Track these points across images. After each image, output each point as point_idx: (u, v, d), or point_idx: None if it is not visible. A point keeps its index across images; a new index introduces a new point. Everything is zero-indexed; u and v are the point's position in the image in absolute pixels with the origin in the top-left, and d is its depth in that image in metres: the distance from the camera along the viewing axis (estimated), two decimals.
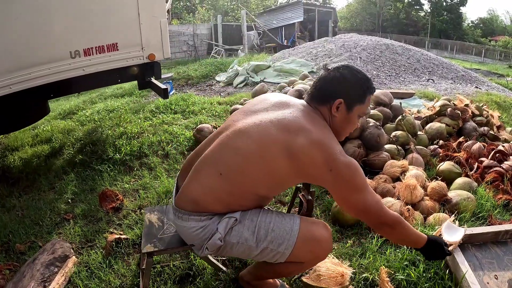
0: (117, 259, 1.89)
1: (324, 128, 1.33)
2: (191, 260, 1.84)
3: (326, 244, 1.39)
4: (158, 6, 3.30)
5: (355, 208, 1.34)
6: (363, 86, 1.37)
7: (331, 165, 1.25)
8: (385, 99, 3.44)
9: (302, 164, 1.27)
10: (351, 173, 1.27)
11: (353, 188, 1.29)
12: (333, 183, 1.29)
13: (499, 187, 2.57)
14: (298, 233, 1.34)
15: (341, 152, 1.29)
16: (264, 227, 1.35)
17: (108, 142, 3.53)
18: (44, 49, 2.84)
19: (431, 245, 1.45)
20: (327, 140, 1.28)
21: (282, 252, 1.34)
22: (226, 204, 1.35)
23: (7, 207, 2.68)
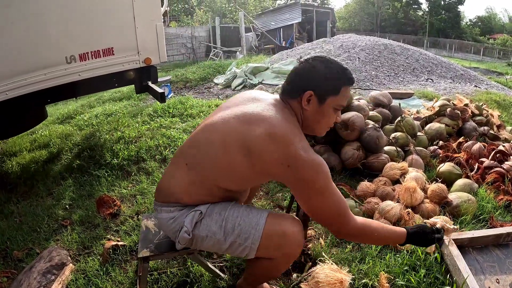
0: (114, 266, 1.87)
1: (288, 122, 1.25)
2: (189, 267, 1.82)
3: (293, 239, 1.30)
4: (153, 10, 3.28)
5: (314, 213, 1.29)
6: (336, 76, 1.29)
7: (289, 161, 1.18)
8: (384, 100, 3.43)
9: (259, 157, 1.21)
10: (313, 172, 1.19)
11: (314, 189, 1.21)
12: (293, 181, 1.22)
13: (500, 188, 2.55)
14: (264, 227, 1.29)
15: (304, 148, 1.20)
16: (231, 221, 1.31)
17: (105, 147, 3.51)
18: (39, 54, 2.83)
19: (414, 238, 1.40)
20: (287, 133, 1.21)
21: (249, 247, 1.30)
22: (193, 195, 1.34)
23: (5, 213, 2.66)
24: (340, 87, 1.29)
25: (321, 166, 1.21)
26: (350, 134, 2.74)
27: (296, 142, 1.20)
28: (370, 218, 2.15)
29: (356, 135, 2.76)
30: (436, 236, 1.43)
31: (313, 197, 1.23)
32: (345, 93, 1.32)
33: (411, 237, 1.39)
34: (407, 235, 1.38)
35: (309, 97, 1.29)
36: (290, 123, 1.25)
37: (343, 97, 1.32)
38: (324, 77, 1.28)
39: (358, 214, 2.08)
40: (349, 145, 2.77)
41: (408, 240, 1.39)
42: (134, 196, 2.67)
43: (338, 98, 1.30)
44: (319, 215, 1.29)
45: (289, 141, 1.19)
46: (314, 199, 1.24)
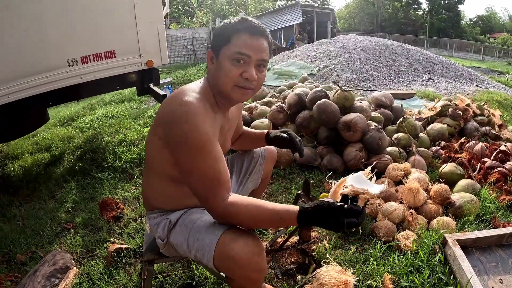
0: (118, 269, 1.87)
1: (185, 89, 1.22)
2: (193, 270, 1.82)
3: (244, 264, 1.12)
4: (155, 12, 3.30)
5: (185, 178, 1.18)
6: (228, 26, 1.21)
7: (166, 117, 1.16)
8: (385, 101, 3.43)
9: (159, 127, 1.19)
10: (182, 127, 1.10)
11: (184, 147, 1.11)
12: (169, 140, 1.16)
13: (502, 188, 2.55)
14: (215, 248, 1.13)
15: (182, 102, 1.13)
16: (193, 235, 1.22)
17: (108, 150, 3.52)
18: (41, 57, 2.84)
19: (311, 218, 1.07)
20: (176, 94, 1.19)
21: (208, 264, 1.18)
22: (161, 199, 1.35)
23: (7, 216, 2.66)
24: (230, 35, 1.19)
25: (198, 117, 1.11)
26: (352, 135, 2.74)
27: (180, 97, 1.15)
28: (374, 220, 2.16)
29: (358, 136, 2.76)
30: (348, 221, 1.04)
31: (185, 156, 1.13)
32: (239, 41, 1.18)
33: (306, 217, 1.08)
34: (299, 215, 1.08)
35: (211, 56, 1.25)
36: (188, 89, 1.21)
37: (237, 45, 1.17)
38: (218, 31, 1.24)
39: None
40: (351, 146, 2.77)
41: (303, 221, 1.09)
42: (137, 199, 2.67)
43: (231, 47, 1.18)
44: (187, 183, 1.18)
45: (173, 98, 1.17)
46: (183, 159, 1.14)
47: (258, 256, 1.14)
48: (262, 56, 1.21)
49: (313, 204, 1.08)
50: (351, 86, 5.98)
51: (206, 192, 1.13)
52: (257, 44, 1.19)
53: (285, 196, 2.56)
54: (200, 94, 1.20)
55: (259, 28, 1.21)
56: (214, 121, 1.21)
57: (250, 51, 1.18)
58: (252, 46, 1.18)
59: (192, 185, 1.16)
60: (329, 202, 1.07)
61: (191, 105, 1.12)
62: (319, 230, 2.12)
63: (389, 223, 2.02)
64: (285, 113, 3.20)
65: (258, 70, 1.22)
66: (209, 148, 1.12)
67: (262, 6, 26.59)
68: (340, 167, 2.78)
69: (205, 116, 1.14)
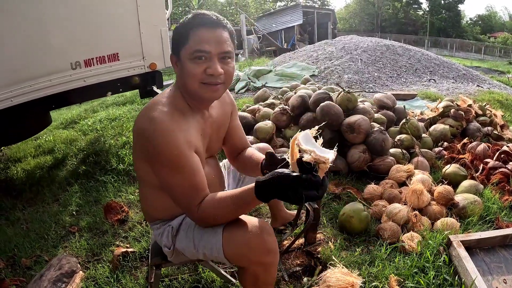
0: (124, 273, 1.87)
1: (156, 101, 1.19)
2: (200, 273, 1.82)
3: (255, 246, 1.12)
4: (158, 15, 3.31)
5: (166, 190, 1.20)
6: (183, 25, 1.17)
7: (138, 131, 1.15)
8: (388, 102, 3.44)
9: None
10: (156, 142, 1.10)
11: (160, 162, 1.13)
12: (147, 154, 1.17)
13: (505, 188, 2.55)
14: (222, 238, 1.16)
15: (150, 118, 1.11)
16: (197, 233, 1.24)
17: (111, 152, 3.52)
18: (44, 61, 2.84)
19: (267, 191, 1.04)
20: (146, 109, 1.16)
21: (217, 256, 1.19)
22: (158, 209, 1.35)
23: (11, 220, 2.66)
24: (187, 34, 1.15)
25: (165, 133, 1.10)
26: (356, 137, 2.75)
27: (148, 112, 1.14)
28: (379, 221, 2.17)
29: (362, 138, 2.76)
30: (306, 194, 0.97)
31: (161, 171, 1.16)
32: (196, 37, 1.14)
33: (263, 191, 1.04)
34: (256, 190, 1.05)
35: (175, 61, 1.21)
36: (157, 102, 1.18)
37: (195, 42, 1.13)
38: (175, 32, 1.19)
39: (366, 217, 2.09)
40: (355, 148, 2.77)
41: (261, 195, 1.05)
42: None
43: (189, 46, 1.14)
44: (169, 192, 1.20)
45: (142, 114, 1.16)
46: (160, 174, 1.17)
47: (267, 235, 1.15)
48: (223, 48, 1.16)
49: (268, 176, 1.03)
50: (353, 87, 5.98)
51: (183, 202, 1.17)
52: (216, 36, 1.15)
53: None
54: (168, 105, 1.17)
55: (214, 20, 1.17)
56: (187, 131, 1.18)
57: (209, 46, 1.13)
58: (210, 40, 1.14)
59: (171, 196, 1.20)
60: (284, 172, 1.00)
61: (158, 122, 1.10)
62: (324, 232, 2.12)
63: (393, 225, 2.03)
64: (288, 115, 3.21)
65: (223, 63, 1.17)
66: (183, 162, 1.12)
67: (262, 7, 26.63)
68: (344, 169, 2.78)
69: (174, 130, 1.12)
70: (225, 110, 1.44)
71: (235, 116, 1.53)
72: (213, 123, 1.35)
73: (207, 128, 1.31)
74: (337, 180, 2.72)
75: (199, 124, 1.26)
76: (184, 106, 1.22)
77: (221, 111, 1.41)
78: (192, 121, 1.23)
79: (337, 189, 2.55)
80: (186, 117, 1.21)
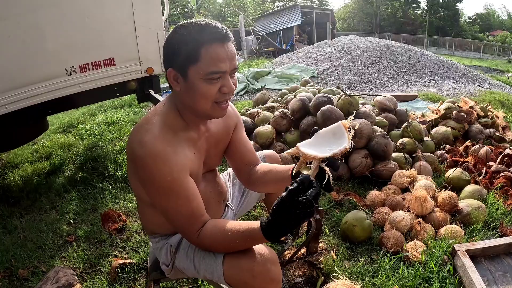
0: (122, 285, 1.84)
1: (147, 119, 1.12)
2: (199, 286, 1.78)
3: (257, 273, 1.06)
4: (154, 19, 3.26)
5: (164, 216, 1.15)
6: (189, 39, 1.03)
7: (129, 157, 1.10)
8: (389, 104, 3.40)
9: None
10: (148, 168, 1.04)
11: (153, 187, 1.08)
12: (140, 179, 1.12)
13: (509, 193, 2.52)
14: (223, 262, 1.11)
15: (140, 142, 1.05)
16: (198, 255, 1.20)
17: (109, 158, 3.48)
18: (38, 67, 2.79)
19: (274, 227, 0.98)
20: (135, 131, 1.10)
21: (220, 281, 1.15)
22: (154, 225, 1.32)
23: (8, 228, 2.62)
24: (197, 51, 1.02)
25: (157, 159, 1.04)
26: (357, 142, 2.71)
27: (138, 135, 1.08)
28: (382, 229, 2.12)
29: (364, 143, 2.72)
30: (302, 212, 0.92)
31: (155, 196, 1.10)
32: (210, 57, 1.03)
33: (269, 230, 0.99)
34: (263, 232, 1.00)
35: (174, 75, 1.10)
36: (148, 122, 1.11)
37: (210, 60, 1.03)
38: (175, 47, 1.06)
39: (369, 226, 2.05)
40: (356, 153, 2.73)
41: (270, 235, 1.00)
42: None
43: (202, 65, 1.03)
44: (164, 217, 1.15)
45: (133, 136, 1.09)
46: (154, 200, 1.12)
47: (271, 264, 1.09)
48: (235, 64, 1.09)
49: (270, 213, 0.98)
50: (353, 88, 5.94)
51: (180, 228, 1.13)
52: (228, 53, 1.06)
53: None
54: (159, 125, 1.10)
55: (224, 33, 1.06)
56: (181, 153, 1.11)
57: (225, 65, 1.05)
58: (224, 58, 1.05)
59: (167, 220, 1.15)
60: (279, 201, 0.94)
61: (148, 146, 1.04)
62: (326, 241, 2.08)
63: (397, 233, 1.99)
64: (288, 119, 3.16)
65: (232, 78, 1.11)
66: (176, 188, 1.07)
67: (261, 8, 26.60)
68: (345, 174, 2.74)
69: (166, 154, 1.06)
70: (227, 124, 1.35)
71: (239, 129, 1.41)
72: (210, 137, 1.27)
73: (202, 143, 1.24)
74: (338, 186, 2.68)
75: (193, 142, 1.19)
76: (178, 124, 1.15)
77: (222, 125, 1.33)
78: (186, 140, 1.16)
79: (339, 196, 2.51)
80: (179, 137, 1.14)
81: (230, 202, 1.55)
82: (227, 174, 1.69)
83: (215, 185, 1.40)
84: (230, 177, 1.68)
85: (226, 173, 1.70)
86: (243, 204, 1.65)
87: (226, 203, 1.50)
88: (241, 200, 1.64)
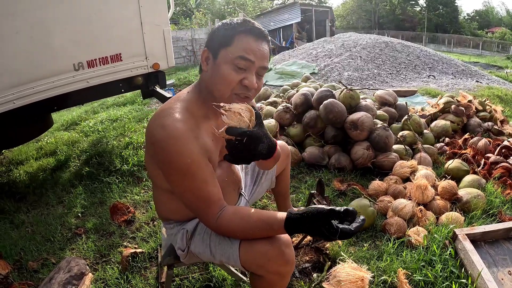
0: (134, 274, 1.88)
1: (169, 103, 1.15)
2: (211, 272, 1.83)
3: (275, 257, 1.10)
4: (160, 15, 3.29)
5: (179, 197, 1.16)
6: (229, 26, 1.11)
7: (151, 139, 1.09)
8: (390, 99, 3.45)
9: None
10: (167, 148, 1.05)
11: (171, 168, 1.09)
12: (158, 162, 1.12)
13: (507, 183, 2.58)
14: (239, 246, 1.13)
15: (162, 125, 1.06)
16: (214, 240, 1.22)
17: (114, 153, 3.52)
18: (46, 62, 2.82)
19: (299, 226, 1.02)
20: (158, 114, 1.11)
21: (234, 263, 1.18)
22: (169, 212, 1.35)
23: (15, 223, 2.64)
24: (232, 37, 1.09)
25: (178, 141, 1.05)
26: (359, 134, 2.76)
27: (160, 119, 1.09)
28: (384, 217, 2.18)
29: (365, 135, 2.77)
30: (342, 228, 0.94)
31: (173, 179, 1.11)
32: (242, 44, 1.09)
33: (294, 225, 1.02)
34: (286, 223, 1.03)
35: (206, 56, 1.14)
36: (170, 107, 1.13)
37: (240, 48, 1.08)
38: (217, 31, 1.13)
39: (372, 213, 2.10)
40: (358, 145, 2.78)
41: (291, 229, 1.03)
42: (147, 202, 2.68)
43: (233, 49, 1.08)
44: (182, 200, 1.16)
45: (154, 119, 1.10)
46: (172, 182, 1.12)
47: (286, 247, 1.12)
48: (264, 63, 1.13)
49: (302, 211, 1.01)
50: (353, 85, 5.99)
51: (198, 211, 1.14)
52: (261, 49, 1.11)
53: (295, 195, 2.58)
54: (181, 111, 1.12)
55: (263, 33, 1.13)
56: (200, 138, 1.13)
57: (254, 57, 1.09)
58: (256, 51, 1.10)
59: (184, 204, 1.17)
60: (318, 207, 0.99)
61: (170, 129, 1.05)
62: None
63: (399, 220, 2.04)
64: (291, 113, 3.22)
65: (257, 78, 1.13)
66: (194, 170, 1.08)
67: (260, 6, 26.55)
68: (348, 166, 2.80)
69: (187, 138, 1.07)
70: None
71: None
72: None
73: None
74: (341, 177, 2.74)
75: (212, 129, 1.18)
76: (200, 112, 1.17)
77: None
78: (205, 126, 1.18)
79: (342, 186, 2.57)
80: (199, 124, 1.16)
81: (244, 191, 1.59)
82: None
83: (230, 173, 1.43)
84: (242, 166, 1.70)
85: None
86: (255, 193, 1.69)
87: (240, 191, 1.53)
88: (253, 189, 1.68)
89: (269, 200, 2.53)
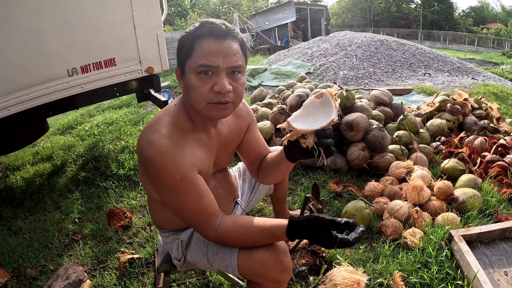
0: (132, 279, 1.88)
1: (157, 118, 1.13)
2: (207, 277, 1.83)
3: (272, 266, 1.10)
4: (153, 19, 3.27)
5: (175, 213, 1.17)
6: (188, 35, 1.06)
7: (140, 157, 1.08)
8: (385, 98, 3.46)
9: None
10: (156, 167, 1.04)
11: (162, 186, 1.08)
12: (150, 178, 1.11)
13: (503, 181, 2.59)
14: (238, 255, 1.13)
15: (149, 141, 1.05)
16: (211, 249, 1.21)
17: (110, 157, 3.52)
18: (40, 68, 2.81)
19: (298, 232, 1.04)
20: (145, 131, 1.10)
21: (233, 273, 1.18)
22: (164, 222, 1.34)
23: (13, 230, 2.64)
24: (192, 45, 1.04)
25: (165, 158, 1.03)
26: (355, 135, 2.77)
27: (147, 135, 1.07)
28: (380, 218, 2.19)
29: (361, 136, 2.78)
30: (341, 238, 0.97)
31: (166, 195, 1.10)
32: (202, 50, 1.03)
33: (295, 231, 1.04)
34: (288, 229, 1.05)
35: (179, 73, 1.12)
36: (157, 121, 1.12)
37: (201, 55, 1.02)
38: (180, 42, 1.09)
39: (368, 215, 2.11)
40: (354, 146, 2.79)
41: (292, 235, 1.05)
42: (144, 207, 2.68)
43: (194, 59, 1.03)
44: (177, 215, 1.17)
45: (142, 135, 1.09)
46: (165, 198, 1.12)
47: (284, 256, 1.12)
48: (232, 62, 1.04)
49: (303, 218, 1.04)
50: (349, 83, 6.00)
51: (195, 225, 1.13)
52: (224, 49, 1.03)
53: (291, 198, 2.58)
54: (168, 125, 1.09)
55: (223, 29, 1.04)
56: (189, 152, 1.11)
57: (217, 60, 1.02)
58: (217, 52, 1.02)
59: (180, 218, 1.17)
60: (319, 216, 1.02)
61: (156, 145, 1.03)
62: None
63: (395, 221, 2.05)
64: (286, 115, 3.22)
65: (232, 79, 1.06)
66: (187, 186, 1.07)
67: (255, 5, 26.53)
68: (344, 167, 2.80)
69: (174, 153, 1.05)
70: (239, 125, 1.34)
71: (252, 128, 1.40)
72: (221, 138, 1.27)
73: (213, 145, 1.24)
74: (337, 178, 2.74)
75: (202, 143, 1.19)
76: (187, 125, 1.15)
77: (234, 127, 1.31)
78: (195, 140, 1.16)
79: (338, 188, 2.57)
80: (188, 137, 1.13)
81: (240, 199, 1.58)
82: (237, 169, 1.71)
83: (225, 184, 1.41)
84: (240, 172, 1.70)
85: (236, 168, 1.72)
86: (252, 200, 1.68)
87: (236, 200, 1.52)
88: (250, 196, 1.67)
89: (265, 203, 2.53)
